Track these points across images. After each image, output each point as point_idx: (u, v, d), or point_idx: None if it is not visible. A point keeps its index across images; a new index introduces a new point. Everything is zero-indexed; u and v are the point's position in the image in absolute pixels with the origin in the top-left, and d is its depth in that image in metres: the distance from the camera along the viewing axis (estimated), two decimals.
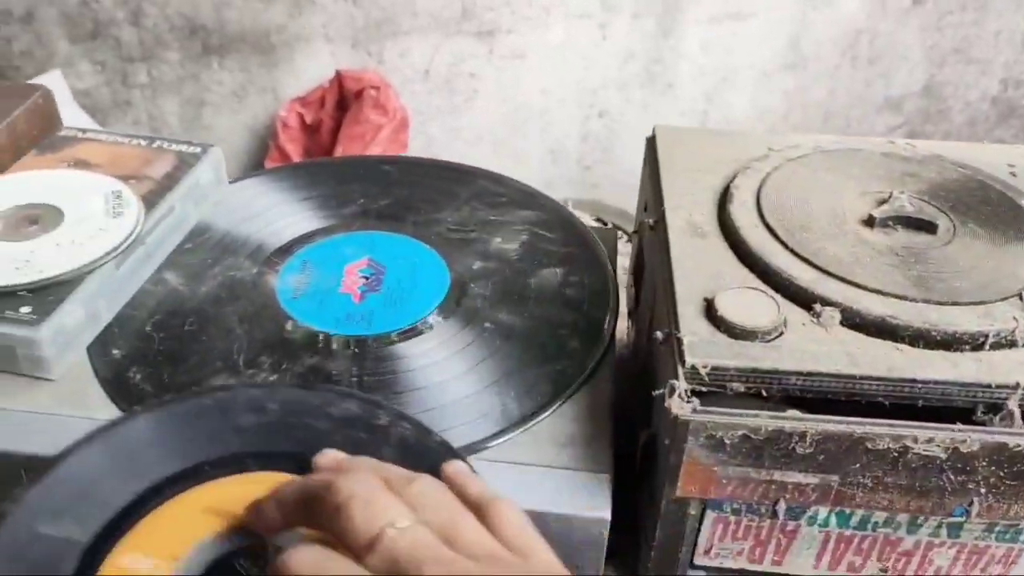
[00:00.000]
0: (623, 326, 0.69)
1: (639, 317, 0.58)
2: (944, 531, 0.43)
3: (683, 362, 0.41)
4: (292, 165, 0.69)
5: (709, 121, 1.81)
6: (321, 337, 0.53)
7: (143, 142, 0.64)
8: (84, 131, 0.64)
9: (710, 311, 0.44)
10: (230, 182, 0.66)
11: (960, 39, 1.81)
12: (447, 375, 0.51)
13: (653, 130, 0.61)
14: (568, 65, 1.67)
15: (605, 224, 1.65)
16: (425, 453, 0.40)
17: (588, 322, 0.55)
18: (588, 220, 1.69)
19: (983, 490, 0.41)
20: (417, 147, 1.69)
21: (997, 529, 0.43)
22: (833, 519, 0.43)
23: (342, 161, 0.68)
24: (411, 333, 0.53)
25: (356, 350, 0.52)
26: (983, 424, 0.41)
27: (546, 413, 0.49)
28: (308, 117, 1.54)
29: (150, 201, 0.57)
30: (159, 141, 0.64)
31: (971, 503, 0.41)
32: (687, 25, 1.66)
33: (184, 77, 1.49)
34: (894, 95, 1.87)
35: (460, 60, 1.61)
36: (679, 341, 0.42)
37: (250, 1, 1.43)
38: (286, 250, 0.60)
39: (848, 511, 0.42)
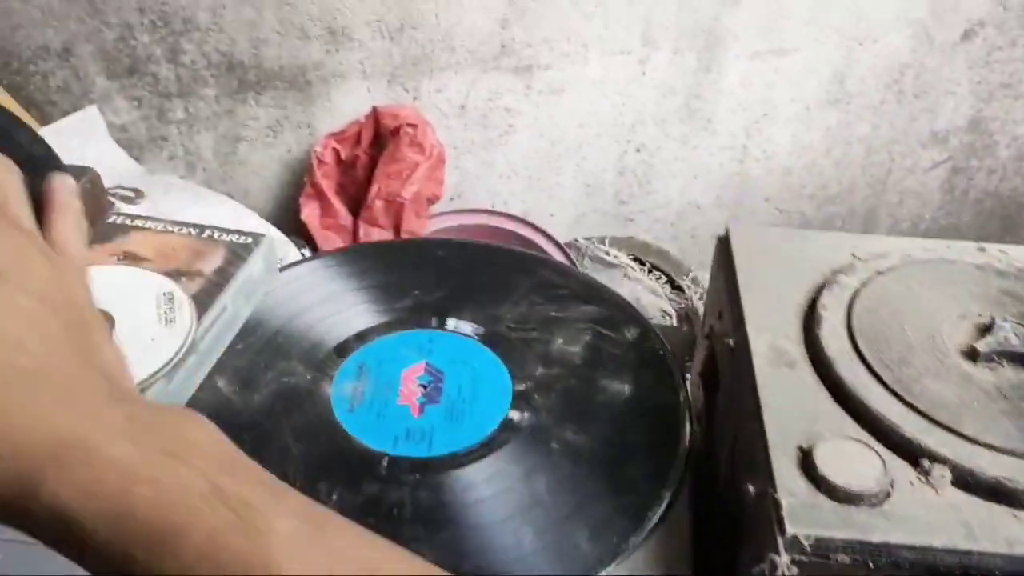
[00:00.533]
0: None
1: (717, 436, 0.55)
2: None
3: (783, 531, 0.38)
4: (342, 250, 0.66)
5: (749, 156, 1.78)
6: (380, 460, 0.50)
7: (192, 231, 0.61)
8: (132, 218, 0.62)
9: (808, 465, 0.41)
10: (280, 268, 0.64)
11: (1009, 74, 1.76)
12: (512, 507, 0.48)
13: (726, 230, 0.58)
14: (606, 100, 1.64)
15: (644, 264, 1.62)
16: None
17: (661, 442, 0.52)
18: (625, 259, 1.67)
19: None
20: (451, 182, 1.66)
21: None
22: None
23: (394, 245, 0.66)
24: (474, 455, 0.50)
25: (417, 475, 0.49)
26: None
27: (621, 556, 0.46)
28: (343, 153, 1.52)
29: (202, 302, 0.55)
30: (208, 230, 0.61)
31: None
32: (728, 60, 1.63)
33: (220, 113, 1.48)
34: (939, 130, 1.83)
35: (497, 95, 1.58)
36: (776, 503, 0.39)
37: (288, 38, 1.41)
38: (340, 351, 0.57)
39: None
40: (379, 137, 1.51)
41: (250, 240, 0.61)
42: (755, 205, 1.86)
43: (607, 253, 1.62)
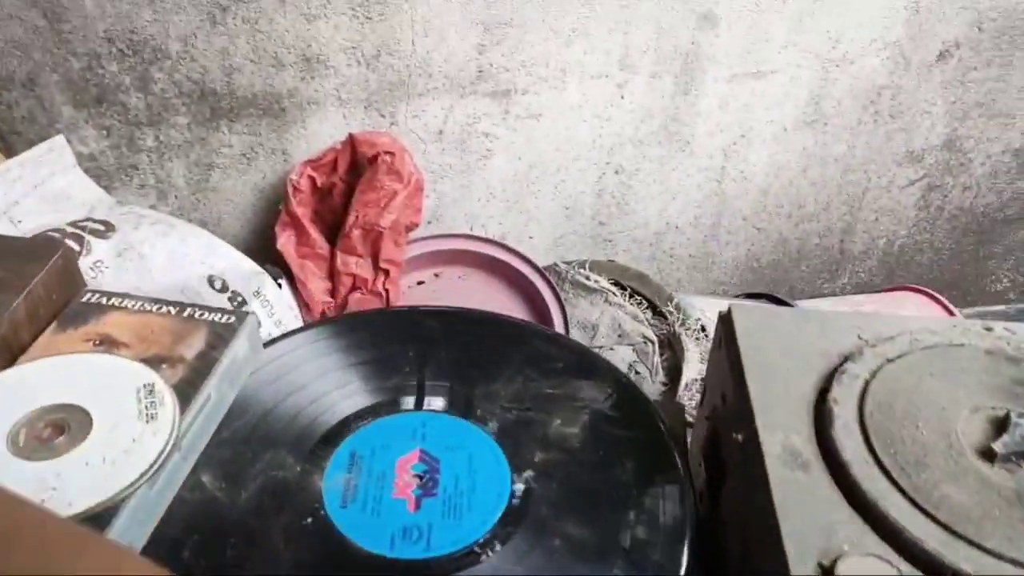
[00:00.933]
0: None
1: (726, 525, 0.53)
2: None
3: None
4: (330, 321, 0.64)
5: (726, 177, 1.78)
6: (377, 563, 0.48)
7: (172, 309, 0.59)
8: (109, 297, 0.59)
9: None
10: (265, 344, 0.61)
11: (983, 94, 1.78)
12: None
13: (729, 309, 0.56)
14: (584, 124, 1.63)
15: (624, 289, 1.60)
16: None
17: (666, 533, 0.50)
18: (605, 284, 1.65)
19: None
20: (428, 205, 1.64)
21: None
22: None
23: (385, 314, 0.63)
24: (474, 556, 0.49)
25: None
26: None
27: None
28: (319, 180, 1.49)
29: (184, 392, 0.52)
30: (189, 308, 0.59)
31: None
32: (706, 83, 1.63)
33: (192, 141, 1.44)
34: (915, 149, 1.85)
35: (475, 120, 1.56)
36: None
37: (261, 66, 1.38)
38: (330, 439, 0.55)
39: None
40: (356, 164, 1.48)
41: (233, 319, 0.58)
42: (733, 224, 1.86)
43: (587, 278, 1.60)
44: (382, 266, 1.47)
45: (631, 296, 1.60)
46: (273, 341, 0.62)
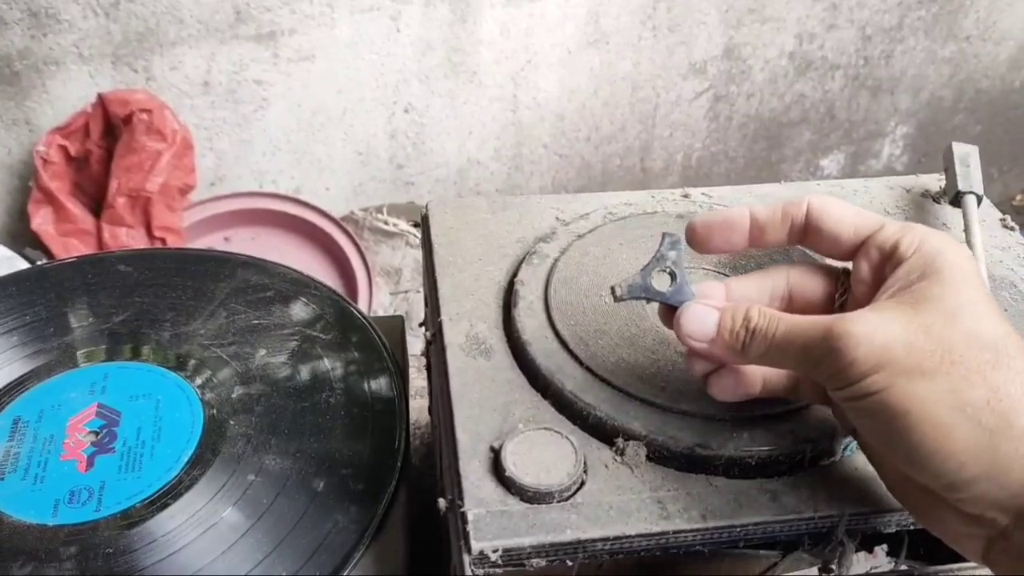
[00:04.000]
0: (424, 402, 0.61)
1: (436, 428, 0.51)
2: None
3: (469, 549, 0.34)
4: None
5: (520, 105, 1.75)
6: (34, 533, 0.42)
7: None
8: None
9: (497, 467, 0.37)
10: None
11: None
12: (203, 558, 0.42)
13: (426, 208, 0.53)
14: (362, 62, 1.56)
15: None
16: None
17: (376, 456, 0.47)
18: (405, 226, 1.61)
19: None
20: (206, 166, 1.54)
21: None
22: None
23: (64, 266, 0.56)
24: (153, 508, 0.43)
25: (80, 545, 0.41)
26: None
27: None
28: (73, 149, 1.36)
29: None
30: None
31: None
32: (483, 9, 1.59)
33: None
34: (697, 60, 1.88)
35: (242, 67, 1.46)
36: (464, 518, 0.35)
37: None
38: None
39: None
40: (111, 127, 1.36)
41: None
42: (534, 153, 1.85)
43: (386, 223, 1.55)
44: (157, 235, 1.36)
45: None
46: None
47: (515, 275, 0.46)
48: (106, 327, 0.53)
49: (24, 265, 1.20)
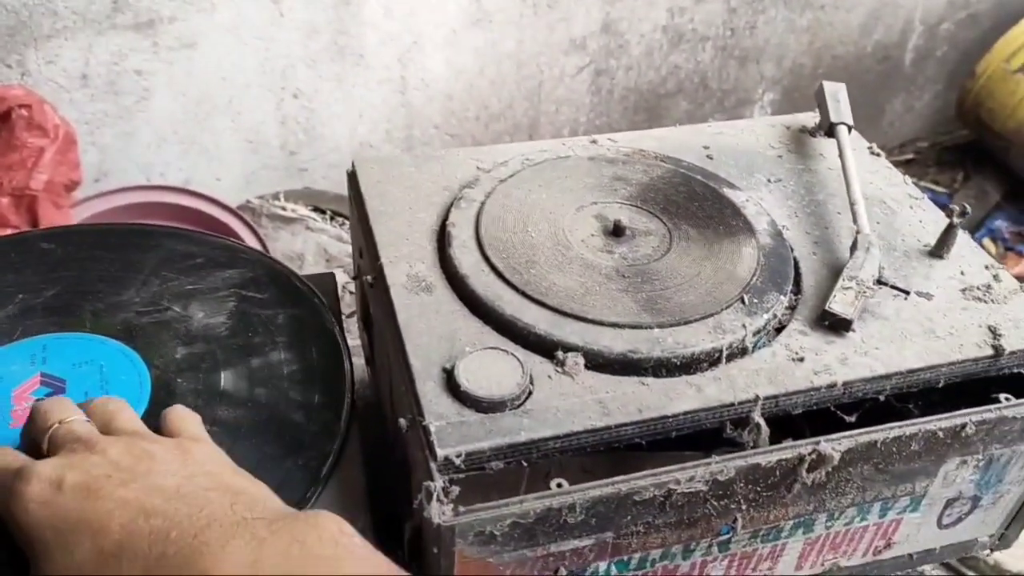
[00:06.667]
0: (360, 361, 0.64)
1: (379, 374, 0.53)
2: (715, 548, 0.44)
3: (434, 456, 0.37)
4: None
5: (408, 87, 1.77)
6: None
7: None
8: None
9: (452, 384, 0.40)
10: None
11: None
12: None
13: (352, 165, 0.55)
14: (246, 48, 1.54)
15: (324, 212, 1.57)
16: None
17: (325, 397, 0.49)
18: (304, 211, 1.60)
19: (744, 506, 0.41)
20: (89, 162, 1.49)
21: (761, 534, 0.44)
22: (614, 569, 0.42)
23: None
24: None
25: None
26: (733, 440, 0.42)
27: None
28: None
29: None
30: None
31: (735, 520, 0.42)
32: None
33: None
34: (577, 36, 1.93)
35: (121, 58, 1.42)
36: (426, 431, 0.38)
37: None
38: None
39: (626, 558, 0.42)
40: None
41: None
42: (425, 134, 1.87)
43: (284, 208, 1.55)
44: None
45: (332, 219, 1.57)
46: None
47: (446, 219, 0.49)
48: (38, 302, 0.53)
49: None
